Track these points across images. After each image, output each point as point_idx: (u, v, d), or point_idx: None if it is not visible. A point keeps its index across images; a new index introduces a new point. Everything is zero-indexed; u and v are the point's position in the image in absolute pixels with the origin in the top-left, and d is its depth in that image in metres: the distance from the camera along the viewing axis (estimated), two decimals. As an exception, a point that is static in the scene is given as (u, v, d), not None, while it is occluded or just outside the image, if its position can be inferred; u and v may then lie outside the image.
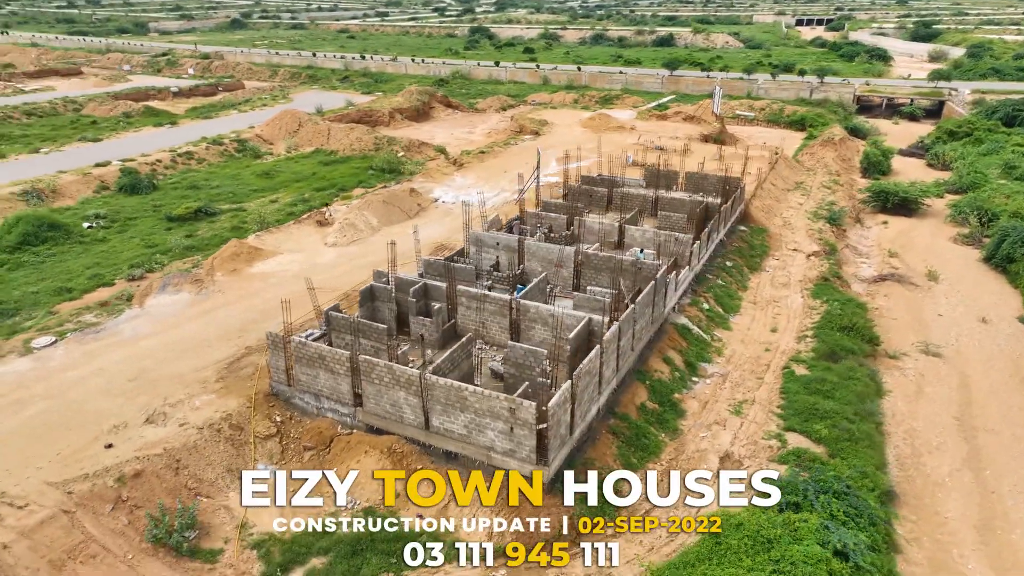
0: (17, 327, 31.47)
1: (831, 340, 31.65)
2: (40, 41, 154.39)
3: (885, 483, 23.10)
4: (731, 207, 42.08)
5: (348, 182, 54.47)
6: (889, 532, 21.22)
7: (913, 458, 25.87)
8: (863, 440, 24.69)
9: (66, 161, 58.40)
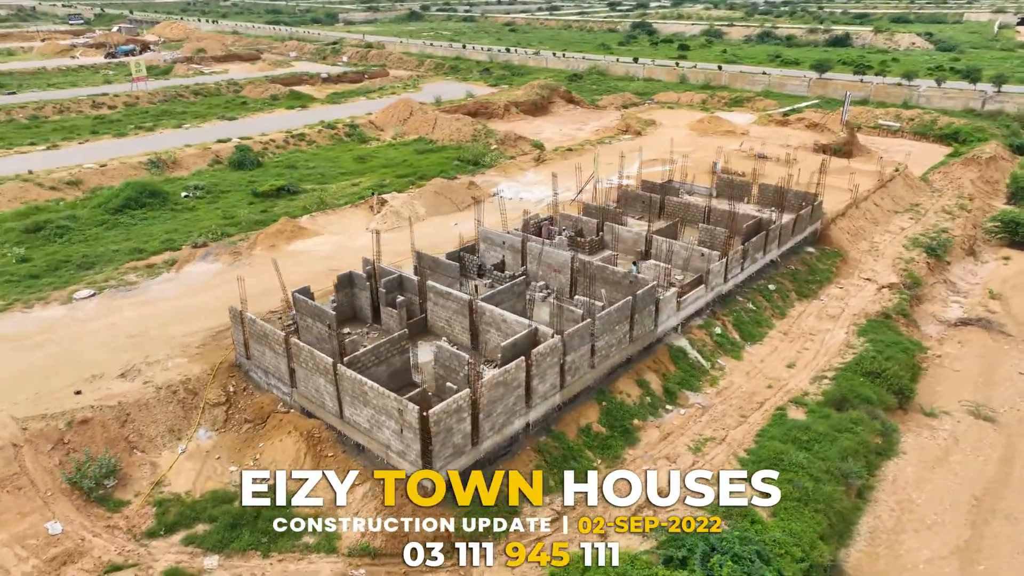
0: (80, 279, 35.75)
1: (847, 385, 27.85)
2: (240, 30, 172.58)
3: (824, 557, 20.04)
4: (792, 225, 38.12)
5: (431, 171, 55.79)
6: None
7: (892, 534, 22.22)
8: (817, 503, 21.51)
9: (201, 136, 65.21)
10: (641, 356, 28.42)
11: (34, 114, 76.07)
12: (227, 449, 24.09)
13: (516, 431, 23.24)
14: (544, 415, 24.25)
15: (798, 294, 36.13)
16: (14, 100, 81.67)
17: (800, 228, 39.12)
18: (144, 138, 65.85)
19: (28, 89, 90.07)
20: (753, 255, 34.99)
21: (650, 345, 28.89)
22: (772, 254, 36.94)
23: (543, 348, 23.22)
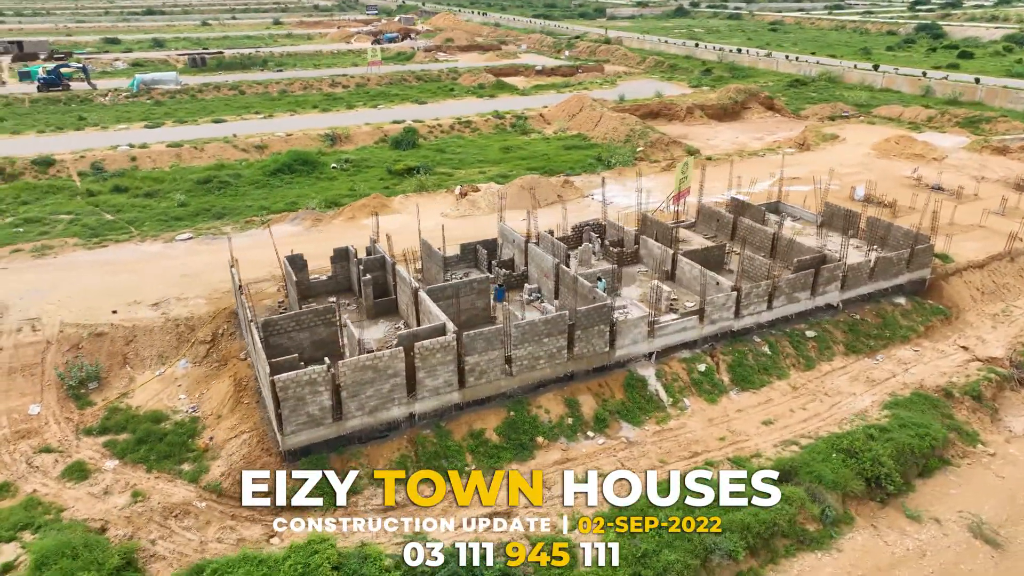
0: (200, 224, 43.10)
1: (809, 457, 23.75)
2: (502, 22, 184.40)
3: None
4: (871, 268, 32.45)
5: (561, 167, 56.29)
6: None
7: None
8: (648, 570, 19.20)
9: (389, 115, 72.67)
10: (588, 376, 26.99)
11: (283, 89, 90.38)
12: (190, 380, 28.16)
13: (395, 418, 23.96)
14: (436, 410, 24.55)
15: (847, 348, 30.83)
16: (279, 76, 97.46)
17: (885, 273, 33.06)
18: (344, 114, 75.11)
19: (294, 68, 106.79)
20: (791, 293, 30.65)
21: (605, 367, 27.26)
22: (829, 296, 31.89)
23: (428, 343, 23.53)
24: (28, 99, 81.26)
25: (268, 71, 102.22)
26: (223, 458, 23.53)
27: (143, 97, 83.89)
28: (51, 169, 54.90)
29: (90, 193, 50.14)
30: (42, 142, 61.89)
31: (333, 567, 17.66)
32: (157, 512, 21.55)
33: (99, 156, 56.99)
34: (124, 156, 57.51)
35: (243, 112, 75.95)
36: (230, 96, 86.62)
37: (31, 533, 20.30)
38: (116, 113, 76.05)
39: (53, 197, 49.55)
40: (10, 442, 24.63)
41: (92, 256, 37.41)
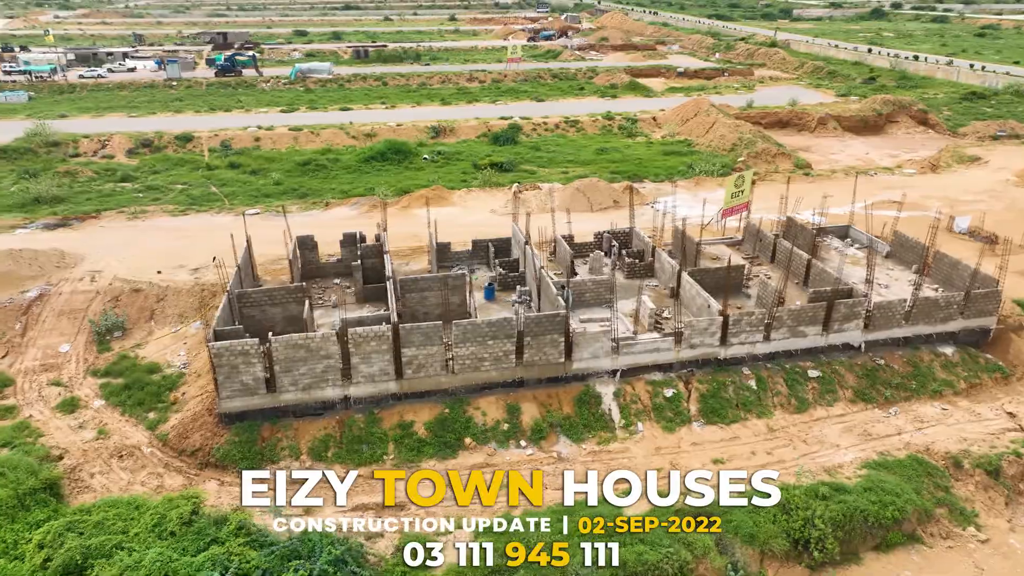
0: (278, 202, 46.96)
1: (736, 507, 21.58)
2: (671, 22, 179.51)
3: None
4: (908, 308, 28.47)
5: (648, 172, 54.51)
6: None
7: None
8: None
9: (502, 111, 74.09)
10: (540, 385, 26.35)
11: (423, 82, 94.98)
12: (195, 340, 30.97)
13: (330, 398, 25.00)
14: (372, 396, 25.27)
15: (856, 395, 27.31)
16: (423, 70, 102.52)
17: (928, 316, 28.78)
18: (462, 107, 77.62)
19: (445, 62, 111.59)
20: (795, 327, 27.72)
21: (560, 378, 26.46)
22: (849, 335, 28.40)
23: (362, 331, 24.28)
24: (206, 83, 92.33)
25: (418, 64, 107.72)
26: (182, 412, 25.93)
27: (298, 85, 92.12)
28: (189, 144, 62.30)
29: (209, 167, 56.30)
30: (196, 120, 70.32)
31: (184, 522, 19.03)
32: (108, 450, 24.28)
33: (230, 135, 63.74)
34: (250, 136, 63.85)
35: (372, 102, 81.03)
36: (373, 87, 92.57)
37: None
38: (268, 97, 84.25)
39: (179, 169, 56.26)
40: (35, 373, 28.79)
41: (171, 223, 42.25)
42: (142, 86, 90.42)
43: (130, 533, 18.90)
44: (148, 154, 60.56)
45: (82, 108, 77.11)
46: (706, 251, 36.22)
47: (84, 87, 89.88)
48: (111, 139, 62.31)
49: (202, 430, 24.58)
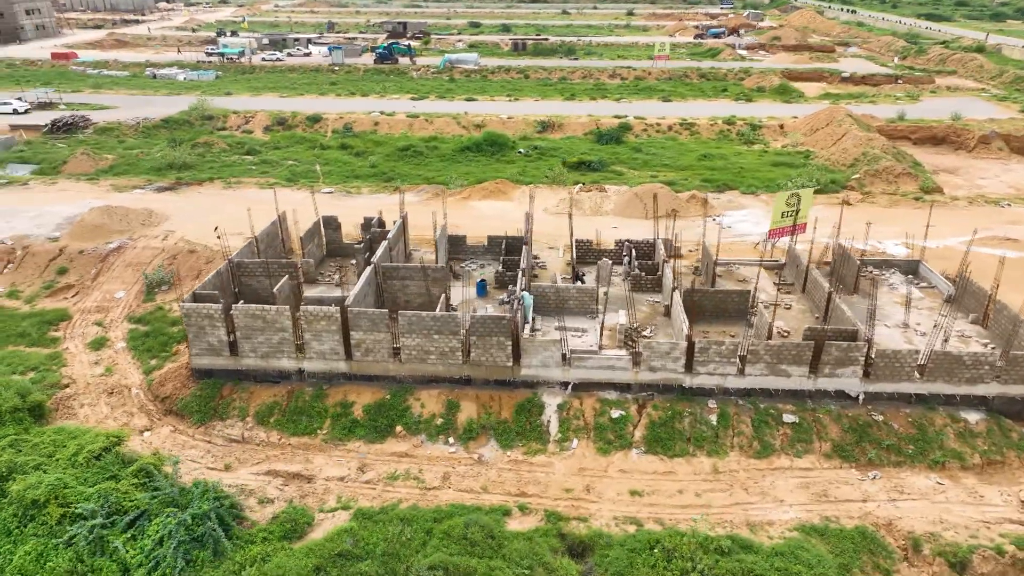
0: (361, 184, 49.97)
1: (620, 543, 20.31)
2: (868, 22, 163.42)
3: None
4: (924, 361, 24.63)
5: (743, 183, 50.99)
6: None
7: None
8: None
9: (621, 109, 72.57)
10: (487, 386, 26.17)
11: (564, 76, 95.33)
12: (224, 301, 34.31)
13: (286, 369, 26.66)
14: (324, 372, 26.58)
15: (835, 450, 24.07)
16: (568, 64, 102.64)
17: (949, 375, 24.61)
18: (582, 103, 76.92)
19: (595, 57, 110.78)
20: (775, 364, 25.01)
21: (509, 382, 26.10)
22: (844, 382, 25.09)
23: (312, 310, 25.61)
24: (363, 69, 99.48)
25: (567, 59, 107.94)
26: (174, 363, 28.95)
27: (445, 74, 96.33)
28: (316, 124, 67.87)
29: (322, 147, 61.02)
30: (334, 103, 76.26)
31: (94, 456, 21.48)
32: (104, 387, 27.79)
33: (354, 118, 68.47)
34: (371, 120, 68.15)
35: (502, 93, 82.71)
36: (513, 79, 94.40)
37: (22, 373, 27.99)
38: (413, 85, 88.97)
39: (299, 146, 61.56)
40: (89, 313, 33.46)
41: (256, 194, 46.49)
42: (309, 70, 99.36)
43: (54, 457, 21.74)
44: (281, 131, 66.81)
45: (251, 88, 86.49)
46: (738, 272, 33.62)
47: (263, 69, 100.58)
48: (255, 116, 69.53)
49: (176, 381, 27.33)
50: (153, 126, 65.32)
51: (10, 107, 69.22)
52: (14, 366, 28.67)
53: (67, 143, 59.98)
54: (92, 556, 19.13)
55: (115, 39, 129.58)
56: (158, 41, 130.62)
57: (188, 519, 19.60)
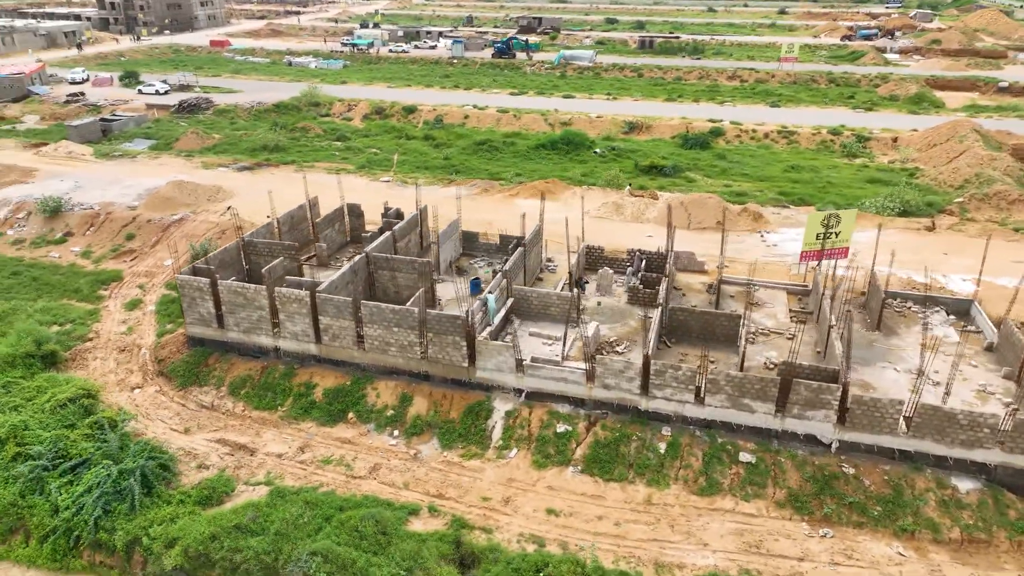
0: (437, 175, 50.90)
1: (513, 554, 19.67)
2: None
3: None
4: (907, 415, 21.66)
5: (824, 199, 46.92)
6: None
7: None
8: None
9: (715, 113, 68.98)
10: (443, 384, 26.11)
11: (679, 76, 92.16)
12: (254, 277, 36.55)
13: (264, 345, 28.04)
14: (297, 353, 27.68)
15: (789, 499, 21.70)
16: (685, 63, 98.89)
17: (938, 434, 21.41)
18: (682, 105, 73.85)
19: (725, 57, 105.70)
20: (737, 397, 22.98)
21: (465, 383, 25.90)
22: (814, 426, 22.56)
23: (285, 291, 26.71)
24: (480, 63, 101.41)
25: (690, 58, 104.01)
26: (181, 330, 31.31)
27: (558, 71, 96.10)
28: (411, 115, 70.22)
29: (407, 137, 63.04)
30: (435, 94, 78.45)
31: (58, 404, 23.76)
32: (118, 345, 30.63)
33: (445, 110, 70.11)
34: (461, 113, 69.46)
35: (603, 91, 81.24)
36: (625, 78, 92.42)
37: (61, 325, 31.42)
38: (522, 80, 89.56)
39: (387, 135, 64.04)
40: (138, 276, 36.93)
41: (321, 178, 48.73)
42: (430, 62, 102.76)
43: (31, 401, 24.36)
44: (378, 120, 69.81)
45: (366, 77, 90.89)
46: (755, 295, 31.16)
47: (387, 60, 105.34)
48: (357, 104, 73.11)
49: (174, 346, 29.58)
50: (264, 110, 70.47)
51: (153, 88, 77.41)
52: (57, 317, 32.30)
53: (188, 122, 66.16)
54: (31, 493, 21.30)
55: (271, 28, 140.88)
56: (307, 31, 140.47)
57: (115, 473, 21.27)
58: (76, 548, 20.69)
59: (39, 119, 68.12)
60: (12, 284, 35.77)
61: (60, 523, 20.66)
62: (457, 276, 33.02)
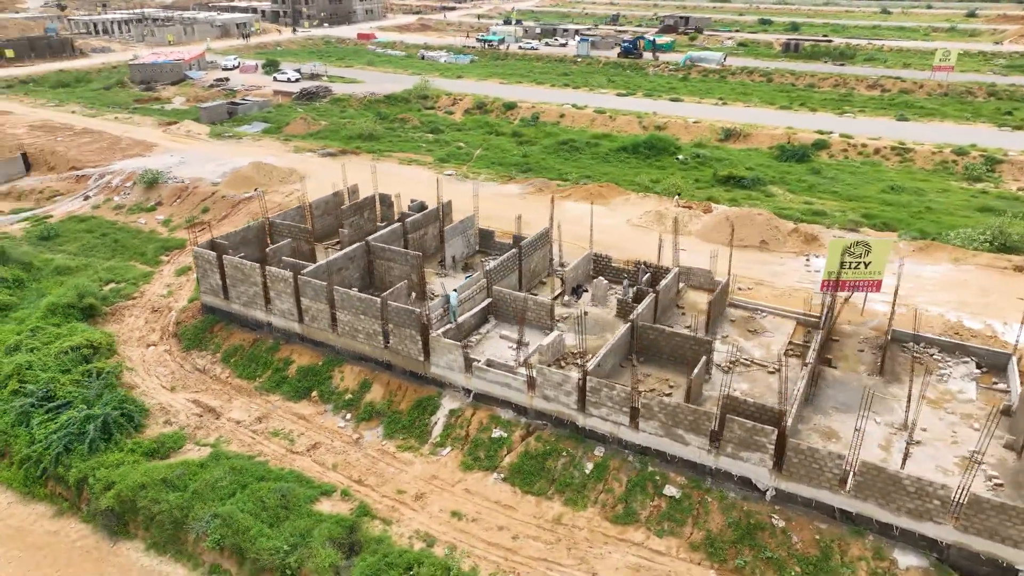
0: (509, 172, 51.51)
1: (393, 551, 19.91)
2: None
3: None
4: (848, 470, 19.32)
5: (912, 225, 42.27)
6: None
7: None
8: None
9: (837, 125, 63.58)
10: (403, 376, 26.61)
11: (811, 83, 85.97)
12: (293, 256, 39.00)
13: (259, 319, 29.98)
14: (284, 330, 29.35)
15: (706, 543, 19.98)
16: (824, 69, 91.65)
17: (885, 497, 18.78)
18: (794, 114, 68.65)
19: (877, 64, 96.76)
20: (670, 427, 21.49)
21: (421, 376, 26.26)
22: (750, 469, 20.61)
23: (274, 271, 28.38)
24: (603, 62, 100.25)
25: (832, 64, 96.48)
26: (182, 294, 34.17)
27: (681, 73, 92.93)
28: (509, 111, 71.01)
29: (496, 133, 63.93)
30: (535, 92, 78.75)
31: (62, 352, 26.80)
32: (154, 306, 33.93)
33: (543, 108, 70.17)
34: (557, 112, 69.22)
35: (716, 95, 77.46)
36: (754, 82, 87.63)
37: (117, 283, 35.36)
38: (637, 81, 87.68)
39: (479, 130, 65.30)
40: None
41: (391, 167, 50.87)
42: (554, 60, 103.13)
43: (48, 345, 27.74)
44: (478, 115, 71.34)
45: (485, 72, 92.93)
46: (757, 322, 28.89)
47: (513, 56, 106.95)
48: (463, 99, 75.07)
49: (192, 311, 32.38)
50: (375, 100, 74.28)
51: (286, 76, 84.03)
52: (117, 275, 36.42)
53: (304, 109, 71.29)
54: (19, 425, 24.40)
55: (421, 23, 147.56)
56: (454, 27, 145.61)
57: (82, 417, 23.85)
58: (41, 478, 23.46)
59: (184, 100, 76.33)
60: (97, 243, 40.73)
61: (32, 454, 23.52)
62: (462, 273, 33.37)
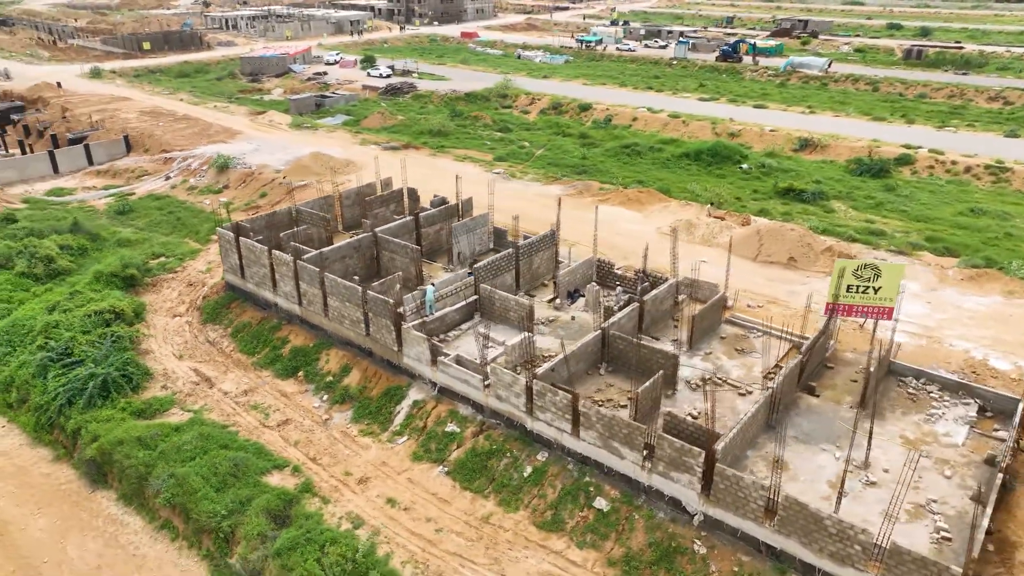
0: (563, 173, 51.53)
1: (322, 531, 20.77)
2: None
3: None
4: (771, 500, 18.18)
5: (979, 252, 38.68)
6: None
7: None
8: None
9: (930, 140, 58.79)
10: (380, 364, 27.46)
11: (922, 93, 79.81)
12: (329, 243, 40.91)
13: (268, 300, 31.76)
14: (288, 312, 30.97)
15: (625, 559, 19.37)
16: (943, 80, 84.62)
17: (808, 536, 17.54)
18: (886, 126, 63.82)
19: (1009, 75, 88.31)
20: (607, 438, 21.00)
21: (396, 366, 27.00)
22: (681, 492, 19.78)
23: (278, 255, 29.99)
24: (700, 66, 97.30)
25: (953, 74, 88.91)
26: (218, 270, 36.49)
27: (780, 78, 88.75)
28: (583, 113, 70.57)
29: (564, 134, 63.75)
30: (623, 94, 77.68)
31: (87, 315, 29.52)
32: (190, 280, 36.59)
33: (617, 111, 69.24)
34: (631, 115, 68.08)
35: (808, 103, 73.36)
36: (858, 90, 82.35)
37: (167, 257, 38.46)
38: (729, 85, 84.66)
39: (548, 130, 65.36)
40: (248, 228, 43.31)
41: (445, 163, 51.91)
42: (650, 62, 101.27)
43: (80, 307, 30.68)
44: (552, 115, 71.42)
45: (576, 73, 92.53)
46: (748, 340, 27.56)
47: (609, 58, 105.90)
48: (541, 99, 75.37)
49: (218, 288, 34.72)
50: (455, 97, 75.93)
51: (379, 72, 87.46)
52: (168, 250, 39.63)
53: (387, 104, 74.05)
54: (35, 378, 27.25)
55: (528, 23, 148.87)
56: (560, 27, 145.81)
57: (86, 375, 26.33)
58: (48, 425, 26.11)
59: (282, 92, 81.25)
60: (161, 220, 44.42)
61: (43, 403, 26.23)
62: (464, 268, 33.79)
